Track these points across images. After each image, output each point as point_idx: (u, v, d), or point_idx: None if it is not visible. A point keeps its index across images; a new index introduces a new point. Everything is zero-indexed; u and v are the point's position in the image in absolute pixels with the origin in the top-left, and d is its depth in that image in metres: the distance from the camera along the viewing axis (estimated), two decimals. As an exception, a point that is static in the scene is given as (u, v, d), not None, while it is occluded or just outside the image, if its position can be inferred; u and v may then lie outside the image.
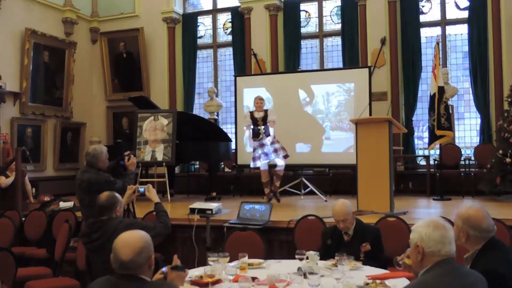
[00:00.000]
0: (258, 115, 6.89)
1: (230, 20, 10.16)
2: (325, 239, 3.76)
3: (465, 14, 8.68)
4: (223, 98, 10.17)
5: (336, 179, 8.68)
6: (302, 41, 9.58)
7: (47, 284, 4.48)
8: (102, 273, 2.26)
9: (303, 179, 7.90)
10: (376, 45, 8.78)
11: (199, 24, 10.45)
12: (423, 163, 8.55)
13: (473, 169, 7.99)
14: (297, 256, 3.13)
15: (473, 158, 8.14)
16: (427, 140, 7.95)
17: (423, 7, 9.05)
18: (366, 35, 8.88)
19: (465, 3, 8.72)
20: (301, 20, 9.61)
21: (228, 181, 9.23)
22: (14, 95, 8.95)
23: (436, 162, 8.00)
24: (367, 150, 5.89)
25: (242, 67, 9.72)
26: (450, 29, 8.95)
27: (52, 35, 9.65)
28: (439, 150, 7.56)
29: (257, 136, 6.85)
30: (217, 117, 9.70)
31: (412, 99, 8.78)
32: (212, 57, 10.47)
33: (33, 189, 8.40)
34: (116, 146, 8.56)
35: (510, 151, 6.87)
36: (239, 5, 9.77)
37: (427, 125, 7.64)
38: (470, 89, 8.56)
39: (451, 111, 7.65)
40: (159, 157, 7.85)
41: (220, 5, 10.45)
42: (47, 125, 9.67)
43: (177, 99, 10.31)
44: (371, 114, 7.70)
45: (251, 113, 7.00)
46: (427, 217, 2.27)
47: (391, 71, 8.78)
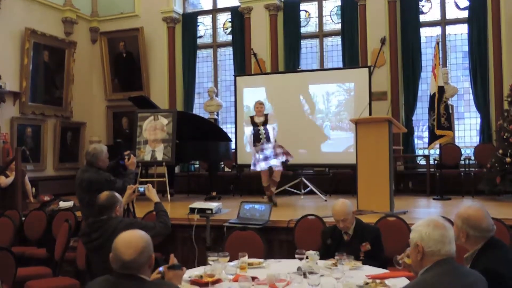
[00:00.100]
0: (258, 120, 6.85)
1: (230, 20, 10.16)
2: (325, 239, 3.76)
3: (465, 14, 8.68)
4: (223, 97, 10.16)
5: (336, 178, 8.68)
6: (302, 41, 9.57)
7: (47, 283, 4.48)
8: (102, 273, 2.26)
9: (303, 178, 7.90)
10: (376, 44, 8.78)
11: (199, 23, 10.44)
12: (423, 162, 8.55)
13: (473, 169, 7.99)
14: (297, 255, 3.13)
15: (473, 157, 8.14)
16: (427, 139, 7.95)
17: (423, 6, 9.04)
18: (366, 35, 8.88)
19: (465, 3, 8.72)
20: (301, 20, 9.60)
21: (228, 181, 9.22)
22: (14, 94, 8.95)
23: (436, 161, 8.01)
24: (367, 149, 5.89)
25: (242, 67, 9.72)
26: (450, 29, 8.95)
27: (52, 35, 9.65)
28: (439, 149, 7.56)
29: (258, 141, 6.80)
30: (217, 117, 9.70)
31: (412, 98, 8.78)
32: (212, 56, 10.47)
33: (33, 188, 8.39)
34: (116, 145, 8.53)
35: (510, 151, 6.87)
36: (239, 5, 9.76)
37: (427, 124, 7.64)
38: (470, 88, 8.56)
39: (451, 111, 7.65)
40: (159, 156, 7.85)
41: (220, 5, 10.44)
42: (47, 124, 9.67)
43: (177, 99, 10.31)
44: (371, 113, 7.70)
45: (252, 117, 6.98)
46: (427, 216, 2.27)
47: (391, 71, 8.78)
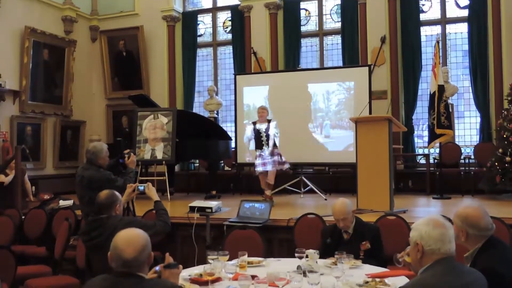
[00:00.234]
0: (260, 125, 6.84)
1: (230, 18, 10.15)
2: (324, 238, 3.76)
3: (465, 12, 8.68)
4: (223, 96, 10.16)
5: (336, 177, 8.68)
6: (302, 40, 9.56)
7: (47, 282, 4.49)
8: (102, 271, 2.26)
9: (303, 177, 7.90)
10: (376, 43, 8.77)
11: (199, 22, 10.43)
12: (423, 161, 8.54)
13: (473, 168, 7.97)
14: (296, 254, 3.13)
15: (473, 156, 8.13)
16: (427, 138, 7.95)
17: (423, 5, 9.04)
18: (366, 34, 8.87)
19: (465, 2, 8.71)
20: (301, 18, 9.59)
21: (228, 180, 9.22)
22: (13, 93, 8.95)
23: (436, 160, 8.01)
24: (367, 148, 5.89)
25: (242, 66, 9.71)
26: (450, 28, 8.94)
27: (51, 33, 9.64)
28: (439, 148, 7.55)
29: (260, 147, 6.80)
30: (217, 116, 9.69)
31: (412, 97, 8.78)
32: (212, 55, 10.46)
33: (33, 187, 8.40)
34: (116, 144, 8.55)
35: (510, 150, 6.87)
36: (239, 3, 9.75)
37: (427, 123, 7.63)
38: (470, 87, 8.56)
39: (451, 110, 7.65)
40: (159, 155, 7.85)
41: (220, 4, 10.43)
42: (47, 123, 9.67)
43: (177, 98, 10.31)
44: (371, 112, 7.69)
45: (254, 123, 6.96)
46: (427, 215, 2.27)
47: (391, 70, 8.77)
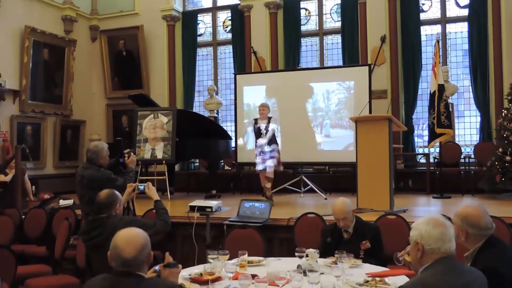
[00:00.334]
0: (261, 123, 6.86)
1: (230, 18, 10.15)
2: (325, 237, 3.76)
3: (465, 12, 8.67)
4: (223, 96, 10.16)
5: (336, 177, 8.68)
6: (302, 39, 9.56)
7: (47, 281, 4.48)
8: (102, 271, 2.26)
9: (303, 177, 7.90)
10: (376, 43, 8.77)
11: (199, 22, 10.43)
12: (423, 161, 8.54)
13: (473, 167, 7.97)
14: (296, 253, 3.13)
15: (473, 156, 8.12)
16: (427, 138, 7.95)
17: (423, 5, 9.03)
18: (366, 33, 8.87)
19: (465, 1, 8.71)
20: (301, 18, 9.59)
21: (228, 179, 9.22)
22: (13, 93, 8.95)
23: (436, 160, 8.00)
24: (367, 148, 5.88)
25: (242, 65, 9.71)
26: (450, 27, 8.94)
27: (51, 33, 9.64)
28: (439, 148, 7.55)
29: (260, 145, 6.83)
30: (217, 115, 9.69)
31: (412, 97, 8.77)
32: (212, 55, 10.46)
33: (33, 187, 8.40)
34: (116, 144, 8.55)
35: (510, 149, 6.87)
36: (239, 3, 9.75)
37: (427, 123, 7.63)
38: (470, 87, 8.56)
39: (451, 109, 7.65)
40: (159, 155, 7.85)
41: (220, 3, 10.43)
42: (47, 122, 9.67)
43: (177, 97, 10.30)
44: (371, 112, 7.69)
45: (255, 120, 6.98)
46: (427, 215, 2.27)
47: (391, 69, 8.77)
